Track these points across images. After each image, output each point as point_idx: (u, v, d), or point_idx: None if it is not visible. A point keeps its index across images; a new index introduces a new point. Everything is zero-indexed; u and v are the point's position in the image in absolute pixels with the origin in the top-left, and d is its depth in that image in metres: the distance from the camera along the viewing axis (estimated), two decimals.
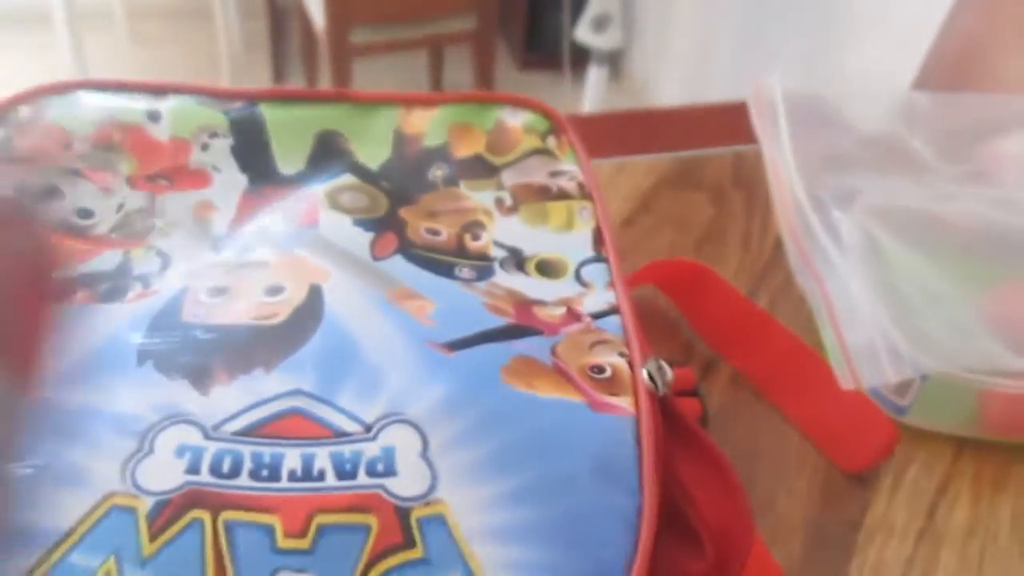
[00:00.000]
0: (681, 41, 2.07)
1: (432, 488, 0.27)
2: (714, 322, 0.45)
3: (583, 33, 1.94)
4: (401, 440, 0.27)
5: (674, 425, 0.33)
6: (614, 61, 2.24)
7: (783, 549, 0.38)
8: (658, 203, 0.55)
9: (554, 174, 0.40)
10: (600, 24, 1.91)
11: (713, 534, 0.31)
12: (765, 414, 0.43)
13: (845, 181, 0.47)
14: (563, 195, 0.39)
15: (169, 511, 0.24)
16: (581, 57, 2.05)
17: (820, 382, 0.42)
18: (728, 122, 0.59)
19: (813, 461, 0.41)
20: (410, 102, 0.42)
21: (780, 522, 0.39)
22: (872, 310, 0.39)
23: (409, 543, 0.25)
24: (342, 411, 0.28)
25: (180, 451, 0.26)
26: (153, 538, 0.24)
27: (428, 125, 0.41)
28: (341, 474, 0.26)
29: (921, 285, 0.41)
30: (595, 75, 1.98)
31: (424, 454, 0.27)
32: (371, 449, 0.27)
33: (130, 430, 0.26)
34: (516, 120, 0.42)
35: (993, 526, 0.39)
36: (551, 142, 0.41)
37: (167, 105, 0.39)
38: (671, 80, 2.12)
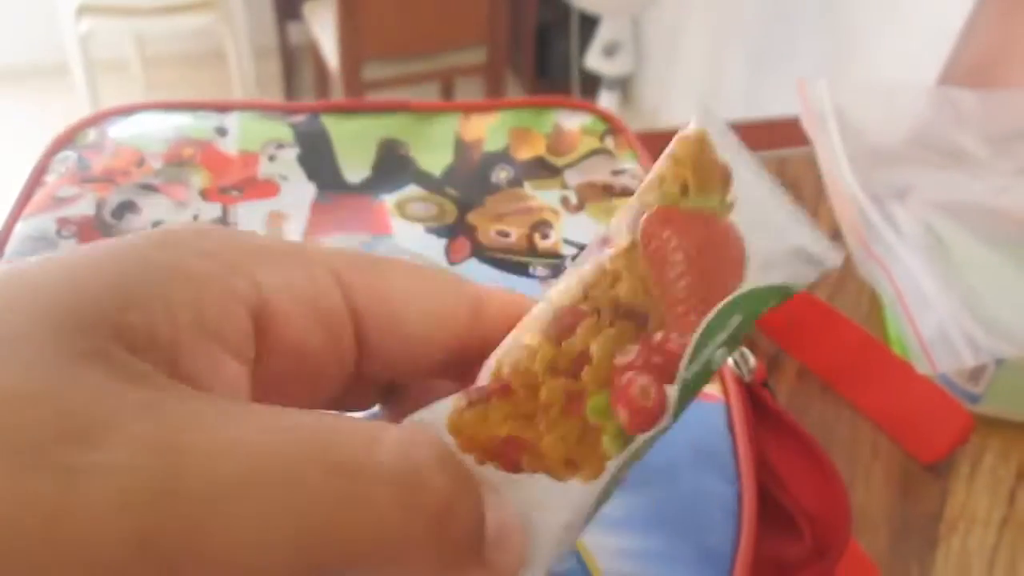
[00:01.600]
0: (691, 66, 2.08)
1: None
2: (777, 316, 0.45)
3: (594, 60, 1.96)
4: None
5: (761, 412, 0.33)
6: (624, 87, 2.26)
7: (867, 541, 0.37)
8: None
9: (616, 172, 0.40)
10: (610, 51, 1.93)
11: (810, 519, 0.31)
12: (835, 407, 0.43)
13: (897, 177, 0.47)
14: (626, 192, 0.39)
15: None
16: (590, 83, 2.07)
17: (889, 373, 0.42)
18: (773, 134, 0.59)
19: (887, 452, 0.41)
20: (468, 109, 0.42)
21: (861, 514, 0.38)
22: (942, 298, 0.39)
23: None
24: None
25: None
26: None
27: (487, 131, 0.41)
28: None
29: (987, 274, 0.41)
30: (606, 101, 1.99)
31: None
32: None
33: None
34: (573, 123, 0.42)
35: None
36: (609, 142, 0.41)
37: (233, 120, 0.39)
38: (681, 105, 2.14)
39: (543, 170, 0.40)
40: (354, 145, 0.40)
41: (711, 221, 0.18)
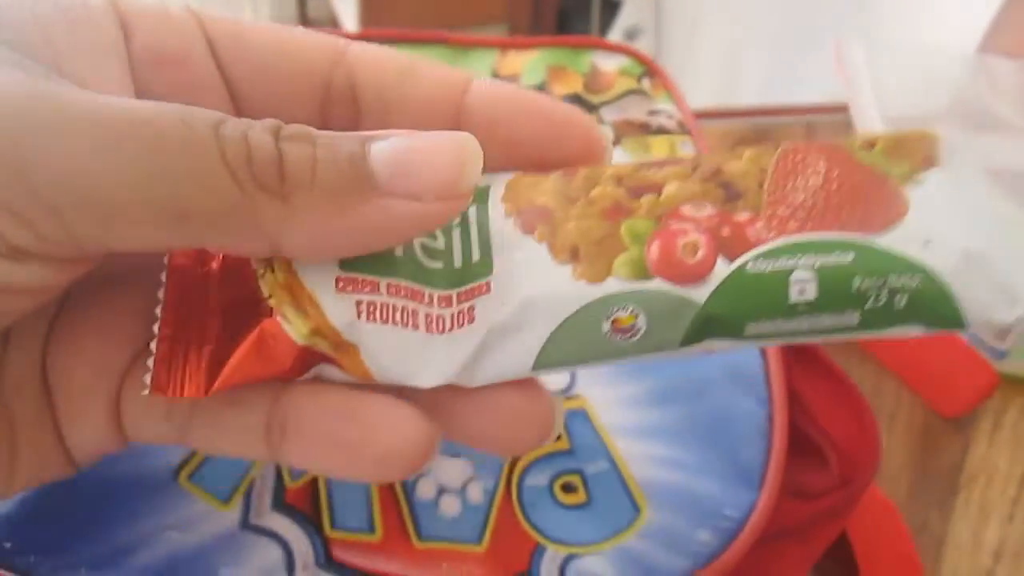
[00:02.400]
0: (712, 52, 2.07)
1: (572, 384, 0.27)
2: None
3: None
4: None
5: (798, 347, 0.33)
6: None
7: (887, 489, 0.37)
8: None
9: (652, 112, 0.40)
10: (632, 35, 1.93)
11: (838, 450, 0.31)
12: (858, 359, 0.43)
13: None
14: (663, 131, 0.39)
15: None
16: None
17: None
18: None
19: (909, 405, 0.41)
20: (505, 46, 0.42)
21: (883, 463, 0.38)
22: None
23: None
24: None
25: None
26: None
27: (524, 67, 0.41)
28: None
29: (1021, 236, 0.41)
30: None
31: None
32: None
33: None
34: (610, 64, 0.42)
35: None
36: (646, 84, 0.41)
37: None
38: (702, 89, 2.13)
39: (580, 106, 0.40)
40: None
41: (880, 179, 0.17)
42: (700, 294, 0.16)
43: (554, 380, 0.26)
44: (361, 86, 0.18)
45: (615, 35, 1.98)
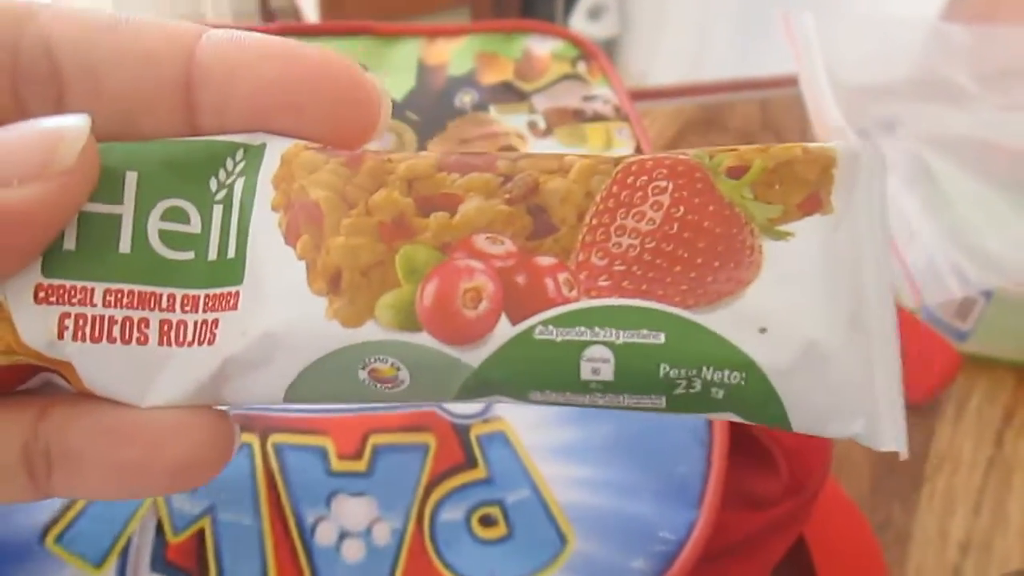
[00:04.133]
0: (677, 29, 2.05)
1: (489, 406, 0.25)
2: None
3: (578, 22, 1.92)
4: None
5: None
6: (610, 50, 2.22)
7: (848, 482, 0.36)
8: (685, 148, 0.53)
9: (587, 98, 0.38)
10: (595, 13, 1.90)
11: (787, 453, 0.29)
12: None
13: (886, 111, 0.45)
14: (599, 118, 0.37)
15: None
16: None
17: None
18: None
19: None
20: (433, 33, 0.40)
21: (842, 455, 0.37)
22: (929, 229, 0.37)
23: (471, 462, 0.23)
24: None
25: None
26: None
27: (452, 55, 0.39)
28: None
29: (976, 206, 0.39)
30: None
31: None
32: None
33: None
34: (544, 48, 0.40)
35: None
36: (581, 68, 0.39)
37: None
38: (667, 68, 2.11)
39: (510, 94, 0.37)
40: None
41: (737, 223, 0.13)
42: (475, 357, 0.13)
43: (468, 404, 0.24)
44: (58, 48, 0.14)
45: (579, 14, 1.95)
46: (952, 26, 0.51)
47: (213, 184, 0.14)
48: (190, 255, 0.14)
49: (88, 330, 0.14)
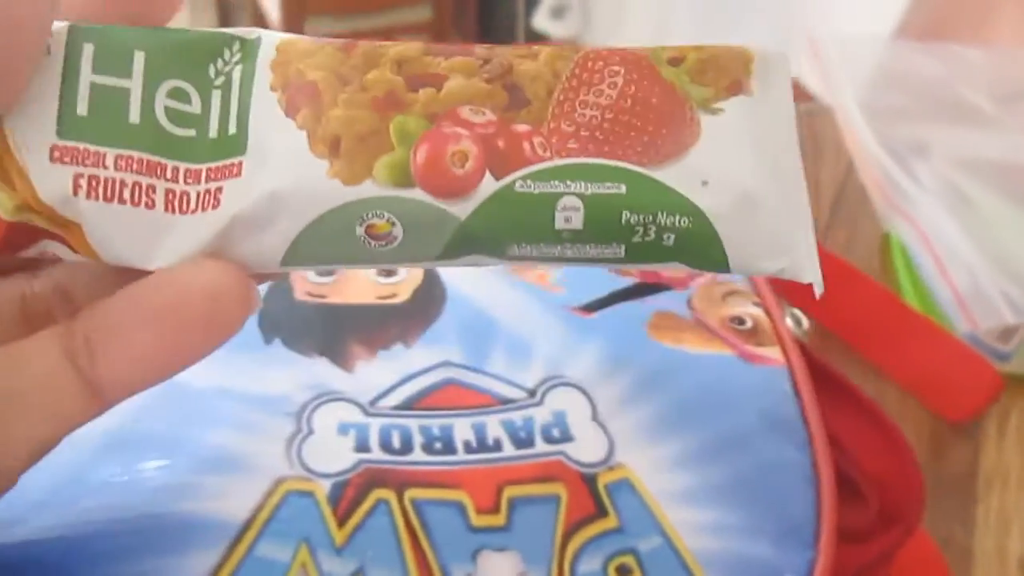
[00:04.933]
0: (638, 29, 2.06)
1: (611, 452, 0.25)
2: None
3: (541, 21, 1.92)
4: (570, 404, 0.25)
5: (819, 375, 0.31)
6: None
7: None
8: None
9: None
10: (558, 12, 1.90)
11: (877, 487, 0.29)
12: (859, 368, 0.42)
13: (912, 133, 0.46)
14: None
15: (350, 493, 0.22)
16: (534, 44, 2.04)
17: (914, 332, 0.41)
18: None
19: (914, 413, 0.40)
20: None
21: None
22: (975, 255, 0.38)
23: (602, 512, 0.23)
24: (498, 378, 0.25)
25: (343, 429, 0.23)
26: (341, 523, 0.21)
27: None
28: (518, 442, 0.24)
29: (1014, 231, 0.40)
30: None
31: (595, 417, 0.25)
32: (542, 414, 0.25)
33: (283, 411, 0.23)
34: None
35: None
36: None
37: None
38: None
39: None
40: None
41: (678, 100, 0.16)
42: (462, 209, 0.15)
43: (592, 452, 0.24)
44: None
45: (542, 12, 1.96)
46: (963, 47, 0.53)
47: (211, 71, 0.16)
48: (192, 132, 0.15)
49: (100, 190, 0.15)
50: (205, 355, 0.15)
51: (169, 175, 0.15)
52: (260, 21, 1.93)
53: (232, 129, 0.15)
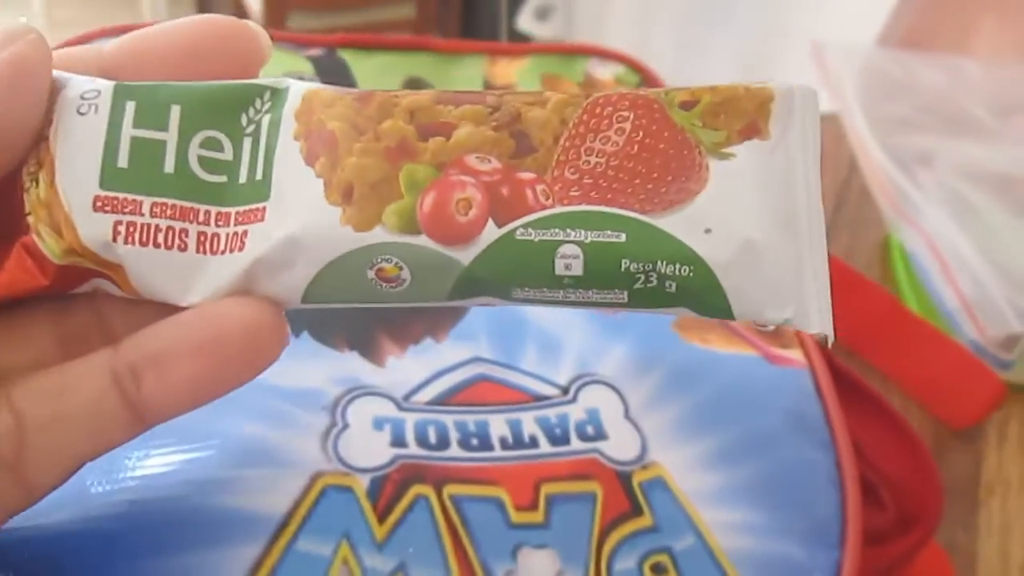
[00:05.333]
0: (622, 32, 2.07)
1: (644, 450, 0.24)
2: None
3: (525, 22, 1.92)
4: (603, 401, 0.25)
5: (838, 378, 0.31)
6: None
7: None
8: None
9: None
10: (543, 13, 1.90)
11: (891, 485, 0.30)
12: (862, 373, 0.42)
13: (916, 142, 0.47)
14: None
15: (389, 489, 0.21)
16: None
17: (919, 338, 0.41)
18: None
19: (917, 419, 0.41)
20: (493, 52, 0.39)
21: None
22: (983, 263, 0.39)
23: (637, 510, 0.23)
24: (531, 375, 0.25)
25: (378, 424, 0.23)
26: (381, 519, 0.21)
27: (518, 75, 0.38)
28: (553, 439, 0.24)
29: (1019, 242, 0.41)
30: None
31: (627, 415, 0.25)
32: (576, 412, 0.24)
33: (317, 405, 0.23)
34: (606, 72, 0.40)
35: None
36: None
37: None
38: None
39: None
40: (378, 81, 0.36)
41: (688, 146, 0.16)
42: (465, 255, 0.16)
43: (626, 450, 0.24)
44: None
45: (526, 13, 1.95)
46: (962, 59, 0.53)
47: (243, 120, 0.17)
48: (223, 178, 0.16)
49: (137, 235, 0.16)
50: (242, 384, 0.16)
51: (201, 218, 0.16)
52: (241, 14, 1.91)
53: (259, 175, 0.16)
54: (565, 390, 0.25)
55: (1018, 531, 0.37)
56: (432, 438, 0.22)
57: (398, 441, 0.22)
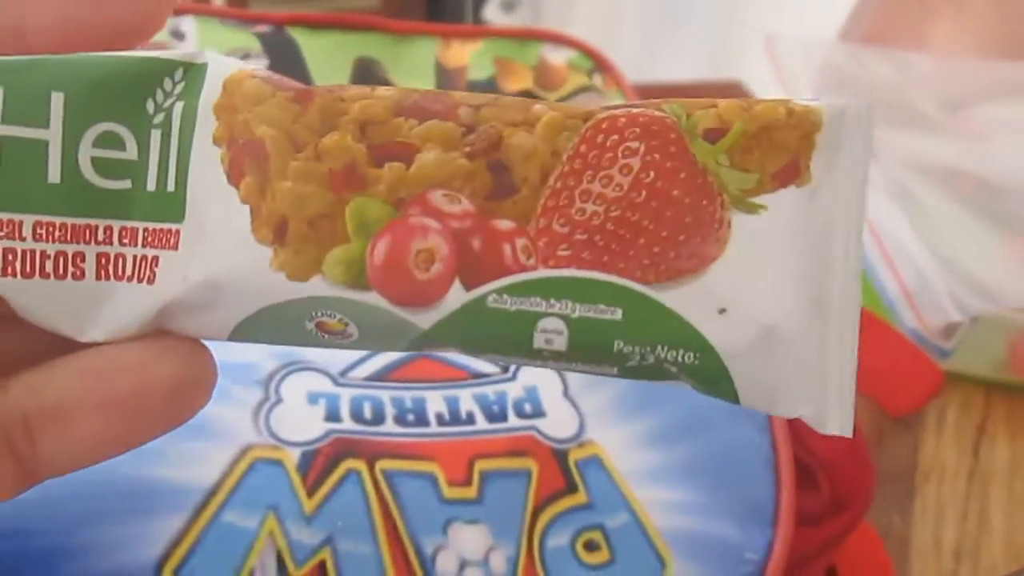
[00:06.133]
0: (587, 25, 2.07)
1: (582, 428, 0.25)
2: None
3: (491, 13, 1.91)
4: (542, 379, 0.25)
5: None
6: None
7: None
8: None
9: None
10: (509, 6, 1.90)
11: (826, 467, 0.30)
12: None
13: None
14: None
15: (320, 463, 0.21)
16: None
17: (860, 327, 0.42)
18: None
19: (858, 405, 0.41)
20: (447, 35, 0.39)
21: None
22: (924, 254, 0.39)
23: (572, 488, 0.23)
24: None
25: (312, 398, 0.22)
26: (311, 493, 0.20)
27: (471, 58, 0.38)
28: (491, 416, 0.23)
29: (962, 232, 0.42)
30: None
31: (566, 394, 0.25)
32: (514, 389, 0.24)
33: (251, 378, 0.22)
34: (559, 57, 0.39)
35: None
36: (597, 80, 0.39)
37: (189, 25, 0.34)
38: None
39: None
40: (328, 61, 0.36)
41: (708, 194, 0.13)
42: (425, 319, 0.13)
43: (563, 428, 0.24)
44: None
45: (493, 4, 1.95)
46: (910, 54, 0.54)
47: (150, 106, 0.13)
48: (127, 184, 0.13)
49: (18, 265, 0.13)
50: (159, 437, 0.14)
51: (101, 236, 0.13)
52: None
53: (171, 185, 0.13)
54: (505, 368, 0.25)
55: (952, 516, 0.37)
56: (367, 413, 0.22)
57: (332, 416, 0.22)
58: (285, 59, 0.35)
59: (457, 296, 0.13)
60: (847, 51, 0.53)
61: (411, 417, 0.23)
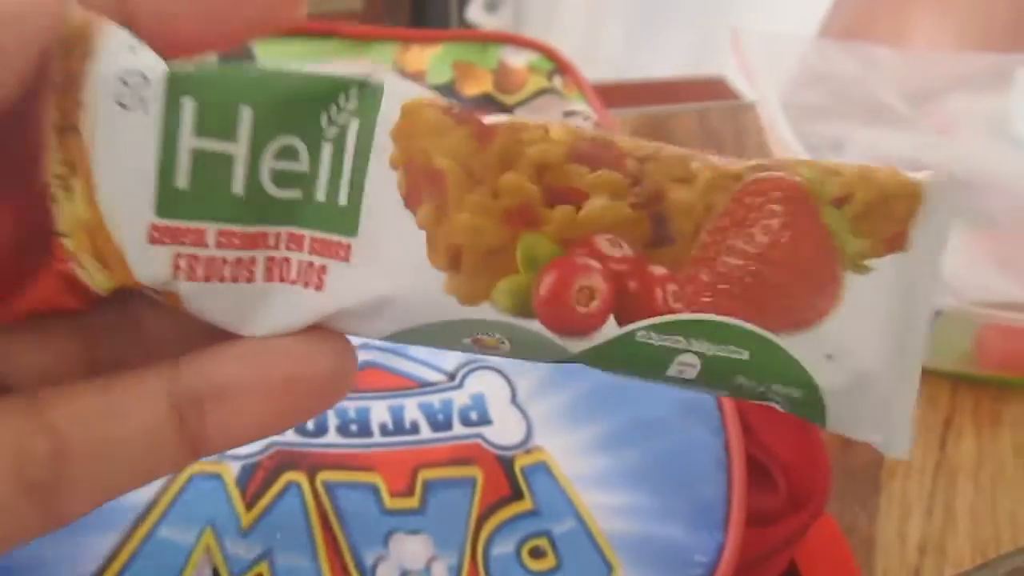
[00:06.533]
0: (570, 25, 2.07)
1: (529, 435, 0.25)
2: None
3: (475, 13, 1.91)
4: (490, 387, 0.25)
5: None
6: None
7: None
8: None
9: (567, 114, 0.38)
10: (492, 6, 1.90)
11: (784, 468, 0.30)
12: None
13: (831, 130, 0.48)
14: None
15: (260, 476, 0.21)
16: None
17: None
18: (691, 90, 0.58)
19: None
20: (406, 39, 0.39)
21: None
22: None
23: (517, 494, 0.23)
24: (419, 361, 0.25)
25: None
26: (250, 506, 0.20)
27: (430, 63, 0.38)
28: (435, 425, 0.24)
29: None
30: None
31: (514, 400, 0.25)
32: (460, 397, 0.24)
33: None
34: (519, 59, 0.39)
35: (997, 456, 0.40)
36: (557, 81, 0.39)
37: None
38: None
39: (492, 108, 0.37)
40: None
41: (830, 255, 0.14)
42: (576, 346, 0.14)
43: (510, 435, 0.24)
44: None
45: (476, 4, 1.95)
46: (876, 48, 0.54)
47: (324, 120, 0.14)
48: (297, 194, 0.14)
49: (201, 271, 0.13)
50: (301, 423, 0.15)
51: (270, 243, 0.14)
52: None
53: (342, 199, 0.14)
54: (452, 376, 0.25)
55: (918, 511, 0.37)
56: (310, 425, 0.22)
57: None
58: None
59: (610, 330, 0.14)
60: (814, 46, 0.53)
61: (354, 427, 0.23)
